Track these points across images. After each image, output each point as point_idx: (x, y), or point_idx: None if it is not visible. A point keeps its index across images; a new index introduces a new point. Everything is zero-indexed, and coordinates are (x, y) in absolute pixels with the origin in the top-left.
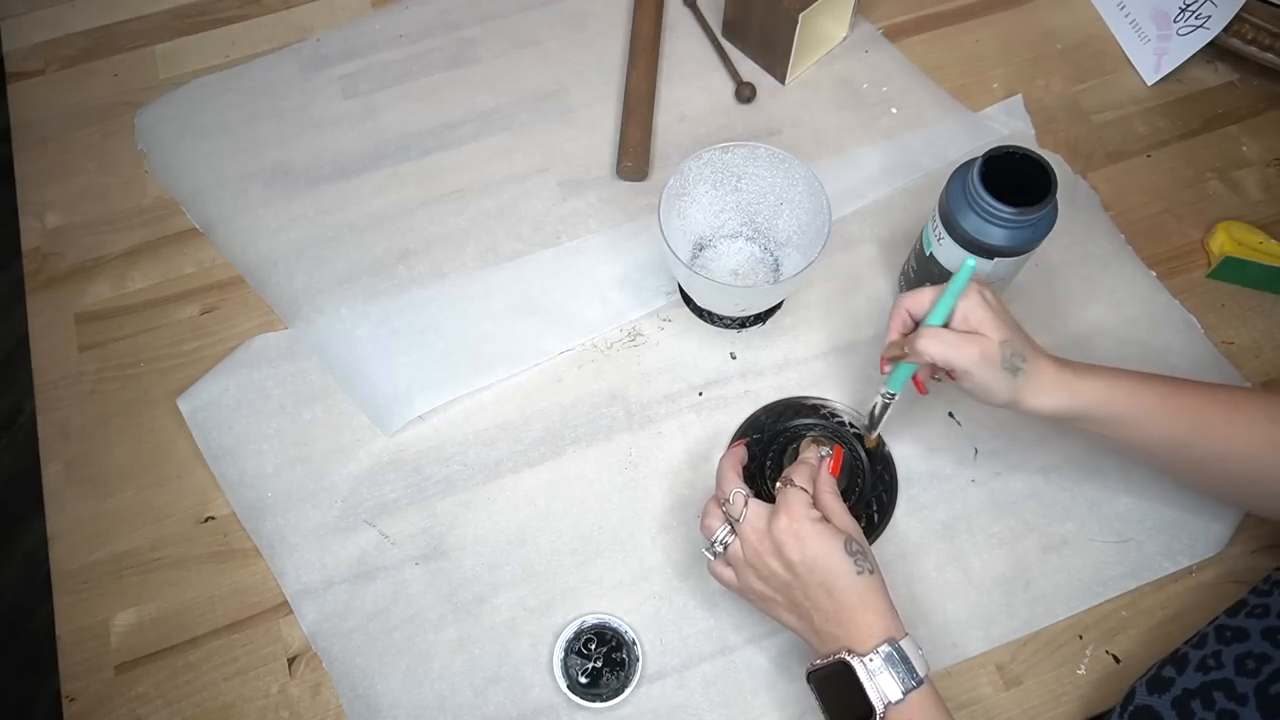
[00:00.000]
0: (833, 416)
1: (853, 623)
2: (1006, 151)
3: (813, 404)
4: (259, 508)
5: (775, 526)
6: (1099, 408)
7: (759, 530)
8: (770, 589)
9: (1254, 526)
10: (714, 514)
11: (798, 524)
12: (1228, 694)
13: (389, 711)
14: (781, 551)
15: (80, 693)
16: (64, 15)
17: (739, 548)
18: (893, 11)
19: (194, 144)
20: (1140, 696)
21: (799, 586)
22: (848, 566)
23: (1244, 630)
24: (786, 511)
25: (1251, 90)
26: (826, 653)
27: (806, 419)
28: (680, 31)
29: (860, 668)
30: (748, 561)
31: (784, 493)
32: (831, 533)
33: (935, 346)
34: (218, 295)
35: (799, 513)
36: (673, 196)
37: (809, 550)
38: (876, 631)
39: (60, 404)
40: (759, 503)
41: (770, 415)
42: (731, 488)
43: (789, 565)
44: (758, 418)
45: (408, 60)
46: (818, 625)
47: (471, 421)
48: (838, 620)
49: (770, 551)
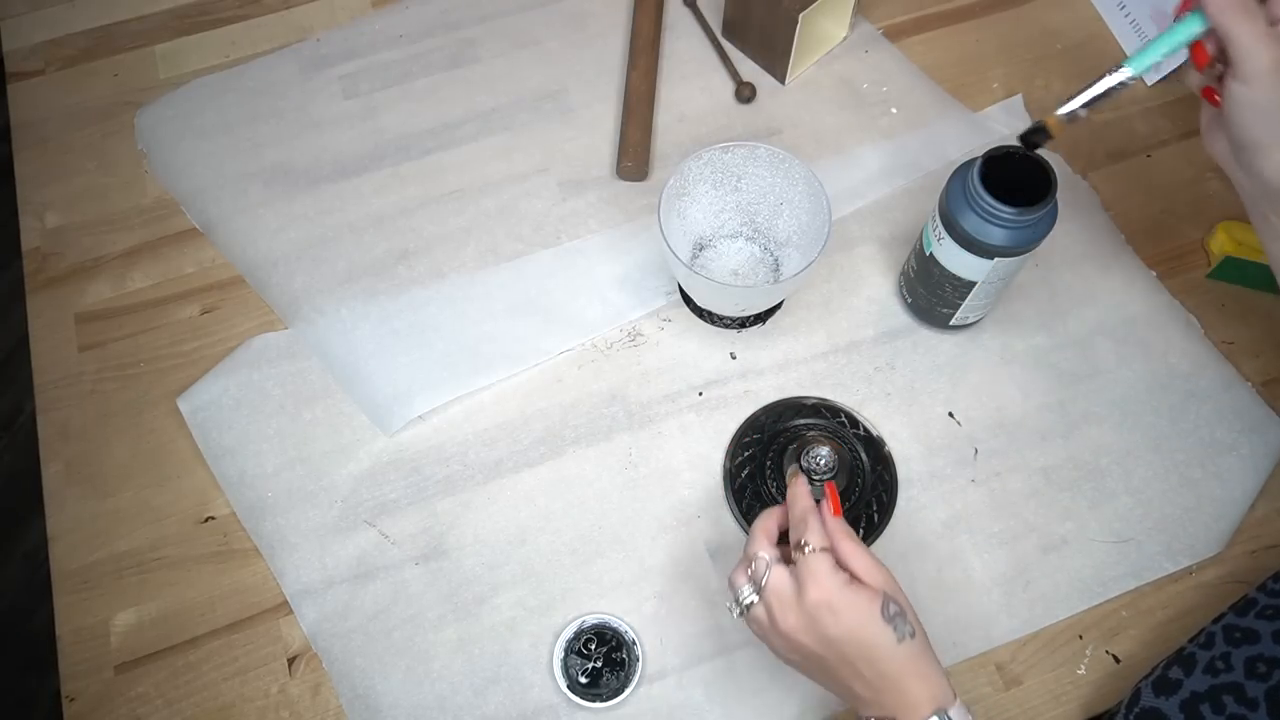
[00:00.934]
0: (833, 416)
1: (899, 691)
2: (1006, 151)
3: (813, 403)
4: (259, 508)
5: (806, 601)
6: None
7: (785, 602)
8: (801, 658)
9: (1255, 526)
10: (739, 571)
11: (829, 595)
12: (1237, 698)
13: (389, 711)
14: (815, 628)
15: (80, 693)
16: (64, 15)
17: (762, 614)
18: (893, 11)
19: (194, 144)
20: (1146, 698)
21: (835, 660)
22: (888, 636)
23: (1254, 631)
24: (814, 583)
25: None
26: (869, 715)
27: (806, 419)
28: (680, 31)
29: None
30: (776, 631)
31: (805, 562)
32: (867, 599)
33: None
34: (218, 295)
35: (827, 583)
36: (673, 196)
37: (845, 623)
38: (925, 699)
39: (60, 404)
40: (784, 570)
41: (770, 415)
42: (756, 548)
43: (824, 642)
44: (757, 418)
45: (408, 60)
46: (858, 692)
47: (471, 421)
48: (880, 689)
49: (802, 629)
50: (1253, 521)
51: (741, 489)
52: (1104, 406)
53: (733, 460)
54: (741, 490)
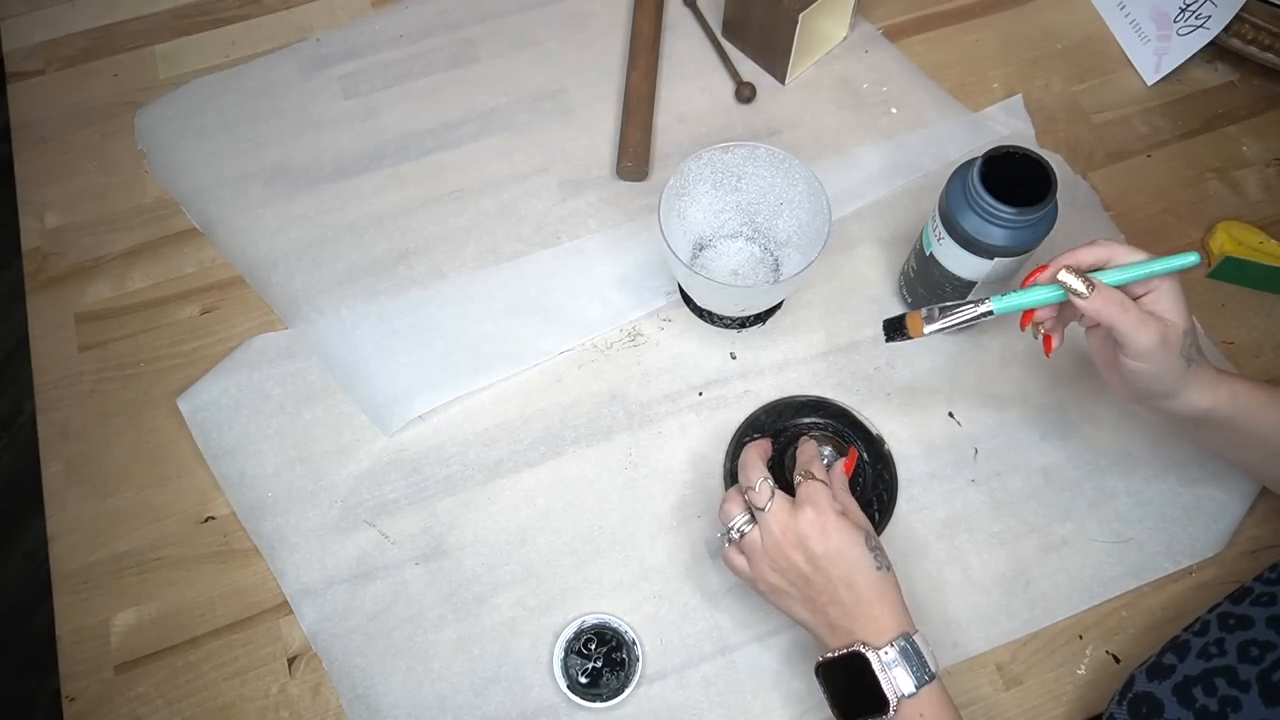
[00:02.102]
0: (833, 415)
1: (869, 617)
2: (1006, 151)
3: (813, 403)
4: (259, 508)
5: (801, 518)
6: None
7: (782, 522)
8: (786, 581)
9: (1254, 527)
10: (735, 500)
11: (823, 517)
12: (1229, 680)
13: (389, 711)
14: (805, 544)
15: (80, 693)
16: (64, 15)
17: (757, 537)
18: (893, 11)
19: (194, 144)
20: (1140, 684)
21: (818, 579)
22: (868, 560)
23: (1248, 618)
24: (812, 504)
25: (1251, 90)
26: (838, 645)
27: (807, 418)
28: (680, 31)
29: (875, 660)
30: (765, 552)
31: (807, 485)
32: (854, 527)
33: (1116, 313)
34: (218, 295)
35: (824, 505)
36: (673, 196)
37: (833, 543)
38: (891, 626)
39: (60, 404)
40: (784, 495)
41: (770, 414)
42: (758, 476)
43: (811, 558)
44: (757, 418)
45: (408, 60)
46: (832, 618)
47: (471, 421)
48: (853, 615)
49: (793, 544)
50: (1252, 522)
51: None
52: (1104, 406)
53: (733, 461)
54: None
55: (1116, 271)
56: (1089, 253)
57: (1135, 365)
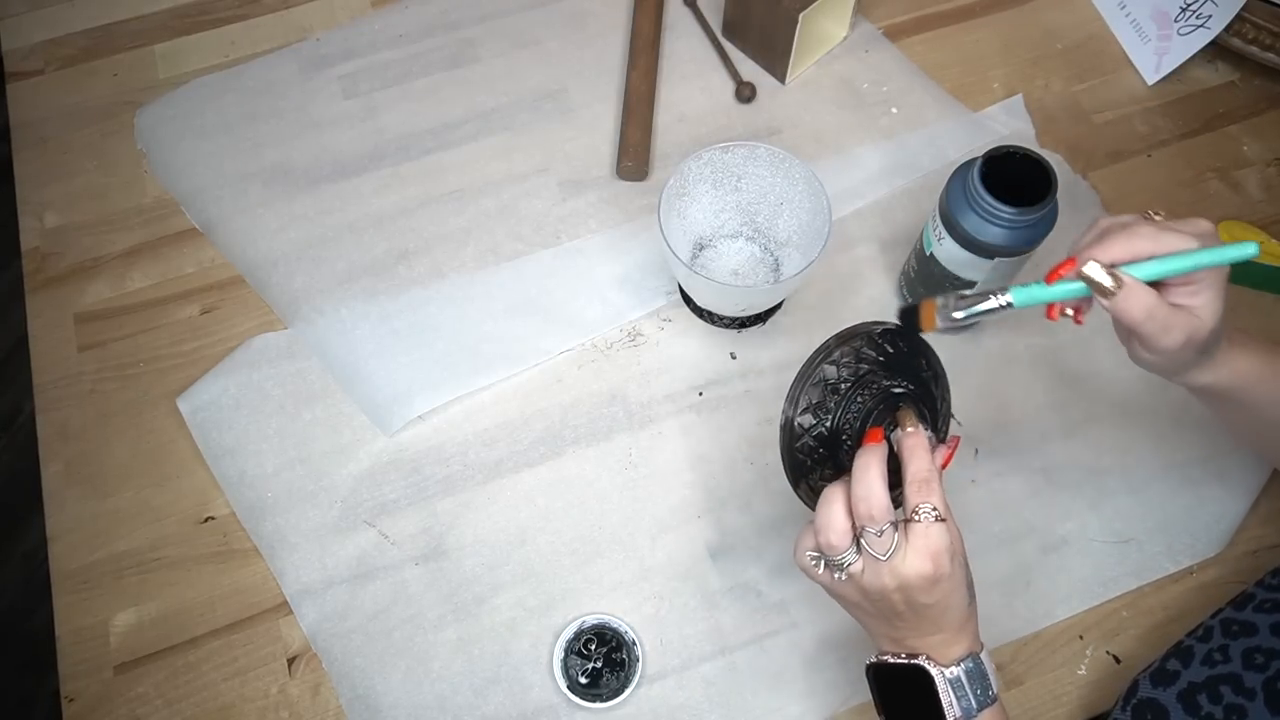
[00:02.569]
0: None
1: (946, 645)
2: (1006, 151)
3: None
4: (259, 508)
5: (914, 569)
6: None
7: (896, 572)
8: (871, 605)
9: (1255, 526)
10: (840, 528)
11: (941, 570)
12: (1235, 688)
13: (389, 711)
14: (910, 594)
15: (80, 693)
16: (64, 15)
17: (860, 571)
18: (893, 11)
19: (194, 144)
20: (1144, 689)
21: (909, 615)
22: (965, 601)
23: (1252, 624)
24: (931, 557)
25: (1252, 90)
26: (897, 651)
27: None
28: (680, 31)
29: (939, 678)
30: (863, 587)
31: (926, 532)
32: (963, 572)
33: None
34: (218, 295)
35: (943, 560)
36: (673, 196)
37: (938, 594)
38: (963, 648)
39: (60, 404)
40: (897, 536)
41: (849, 360)
42: (886, 515)
43: (911, 604)
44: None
45: (408, 60)
46: (901, 636)
47: (471, 421)
48: (929, 642)
49: (896, 588)
50: (1253, 521)
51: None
52: (1104, 406)
53: (797, 408)
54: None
55: (1158, 263)
56: (1125, 246)
57: (1146, 356)
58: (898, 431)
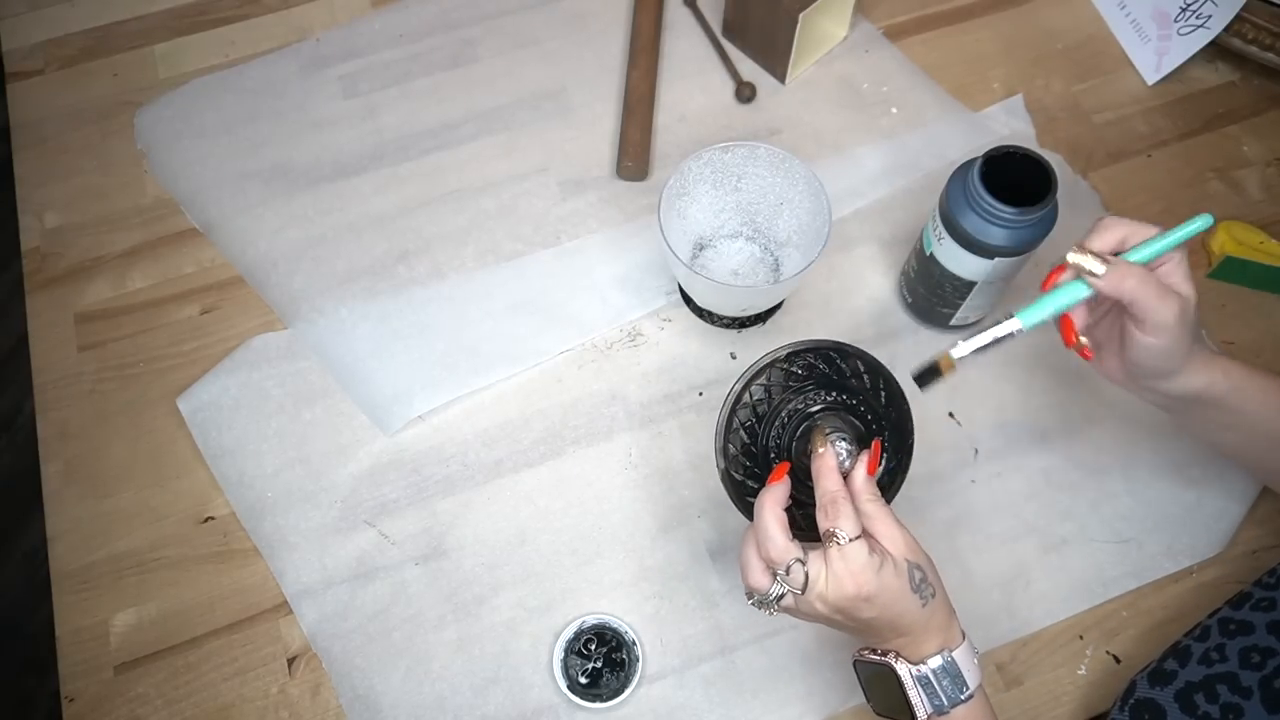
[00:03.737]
0: (830, 369)
1: (916, 644)
2: (1006, 151)
3: (807, 354)
4: (259, 508)
5: (840, 593)
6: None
7: (824, 599)
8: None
9: (1255, 526)
10: (756, 569)
11: (868, 589)
12: (1231, 687)
13: (389, 711)
14: (849, 613)
15: (79, 693)
16: (64, 15)
17: (793, 604)
18: (893, 11)
19: (193, 144)
20: (1141, 689)
21: (864, 631)
22: (915, 604)
23: (1249, 624)
24: (851, 578)
25: (1252, 90)
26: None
27: (807, 388)
28: (680, 31)
29: (906, 675)
30: (808, 615)
31: (842, 555)
32: (900, 580)
33: (1136, 285)
34: (218, 295)
35: (864, 576)
36: (673, 196)
37: (879, 606)
38: (934, 645)
39: (59, 404)
40: (816, 565)
41: (762, 389)
42: (786, 555)
43: (856, 621)
44: (747, 395)
45: (408, 60)
46: (875, 641)
47: (471, 421)
48: (899, 643)
49: (835, 612)
50: (1253, 522)
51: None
52: (1104, 406)
53: (726, 459)
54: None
55: (1134, 251)
56: (1100, 238)
57: (1150, 341)
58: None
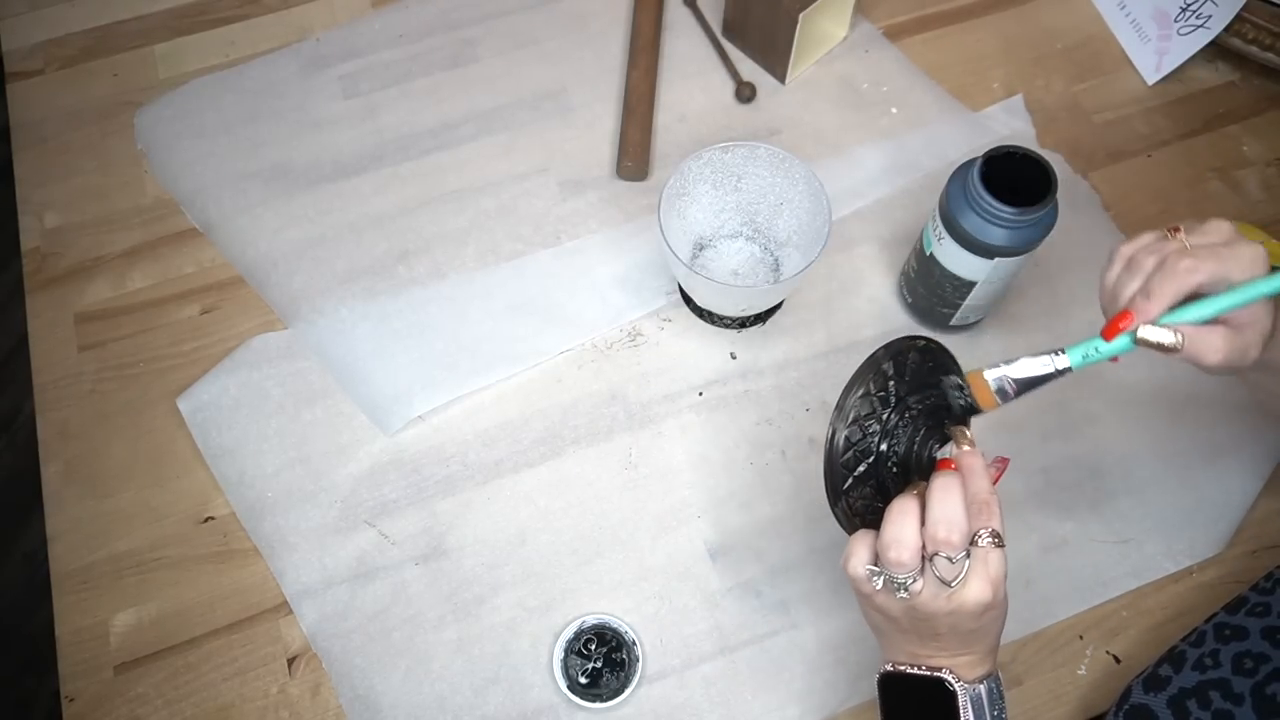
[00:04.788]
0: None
1: (972, 665)
2: (1006, 151)
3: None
4: (259, 508)
5: (975, 600)
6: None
7: (960, 601)
8: (910, 625)
9: (1255, 526)
10: (912, 546)
11: (998, 598)
12: (1224, 693)
13: (389, 711)
14: (959, 620)
15: (79, 693)
16: (64, 15)
17: (920, 589)
18: (893, 11)
19: (193, 144)
20: (1136, 695)
21: (947, 638)
22: (1000, 629)
23: (1243, 629)
24: (991, 586)
25: (1252, 90)
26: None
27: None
28: (680, 31)
29: (962, 694)
30: (914, 609)
31: (986, 557)
32: (1004, 602)
33: (1219, 357)
34: (218, 295)
35: (999, 586)
36: (673, 196)
37: (985, 621)
38: (985, 668)
39: (60, 404)
40: (991, 554)
41: (899, 370)
42: (963, 543)
43: (955, 630)
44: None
45: (408, 60)
46: (926, 653)
47: (471, 421)
48: (959, 661)
49: (948, 614)
50: (1253, 522)
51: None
52: (1104, 406)
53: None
54: (850, 480)
55: (1207, 303)
56: (1171, 288)
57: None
58: (949, 448)
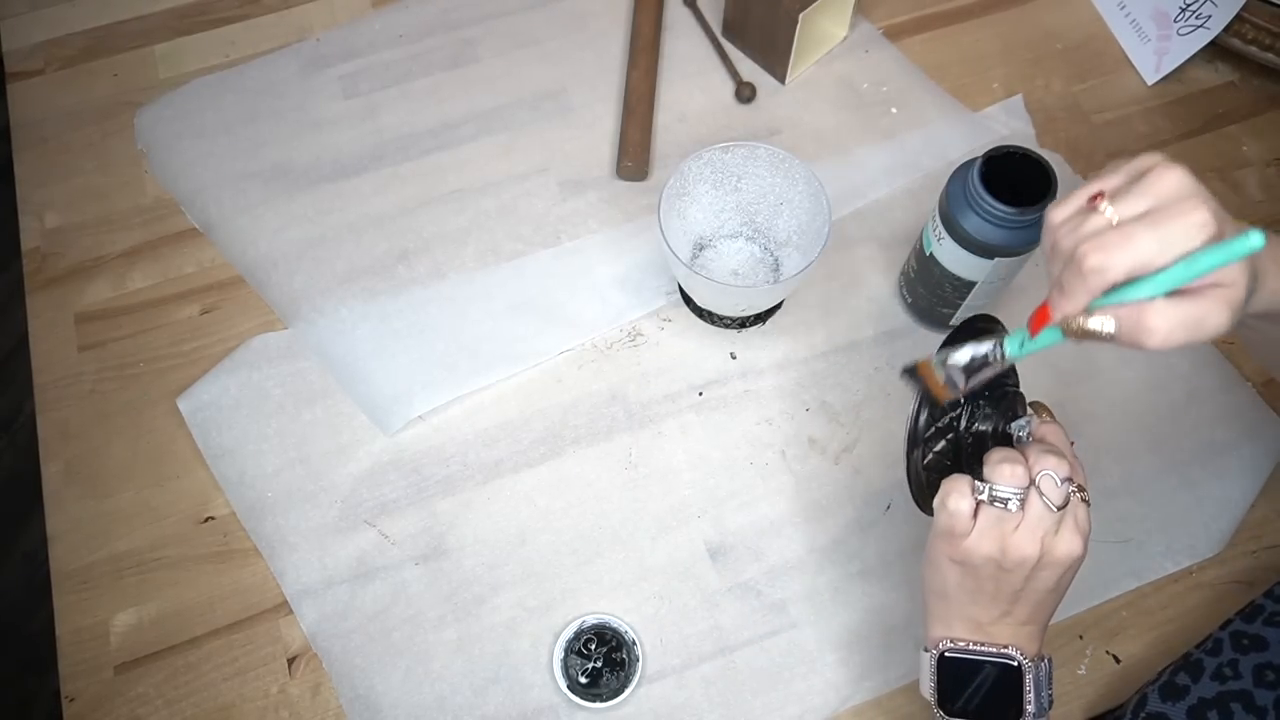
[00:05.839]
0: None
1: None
2: (1006, 151)
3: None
4: (259, 508)
5: (1065, 550)
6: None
7: (1046, 541)
8: (990, 579)
9: (1255, 526)
10: (1020, 463)
11: (1080, 558)
12: (1245, 705)
13: (389, 711)
14: (1041, 574)
15: (80, 693)
16: (64, 15)
17: (1012, 528)
18: (893, 11)
19: (194, 144)
20: (1153, 703)
21: (1025, 596)
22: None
23: (1262, 639)
24: (1082, 539)
25: (1252, 90)
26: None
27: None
28: (680, 31)
29: (1030, 674)
30: (1007, 547)
31: (1080, 514)
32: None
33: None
34: (218, 295)
35: (1085, 541)
36: (673, 196)
37: (1065, 582)
38: (1038, 647)
39: (60, 404)
40: (1080, 508)
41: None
42: (1067, 470)
43: (1035, 587)
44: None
45: (408, 60)
46: (991, 618)
47: (471, 421)
48: (1016, 631)
49: (1035, 562)
50: (1253, 521)
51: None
52: (1104, 406)
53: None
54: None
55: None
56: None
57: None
58: (1032, 421)
